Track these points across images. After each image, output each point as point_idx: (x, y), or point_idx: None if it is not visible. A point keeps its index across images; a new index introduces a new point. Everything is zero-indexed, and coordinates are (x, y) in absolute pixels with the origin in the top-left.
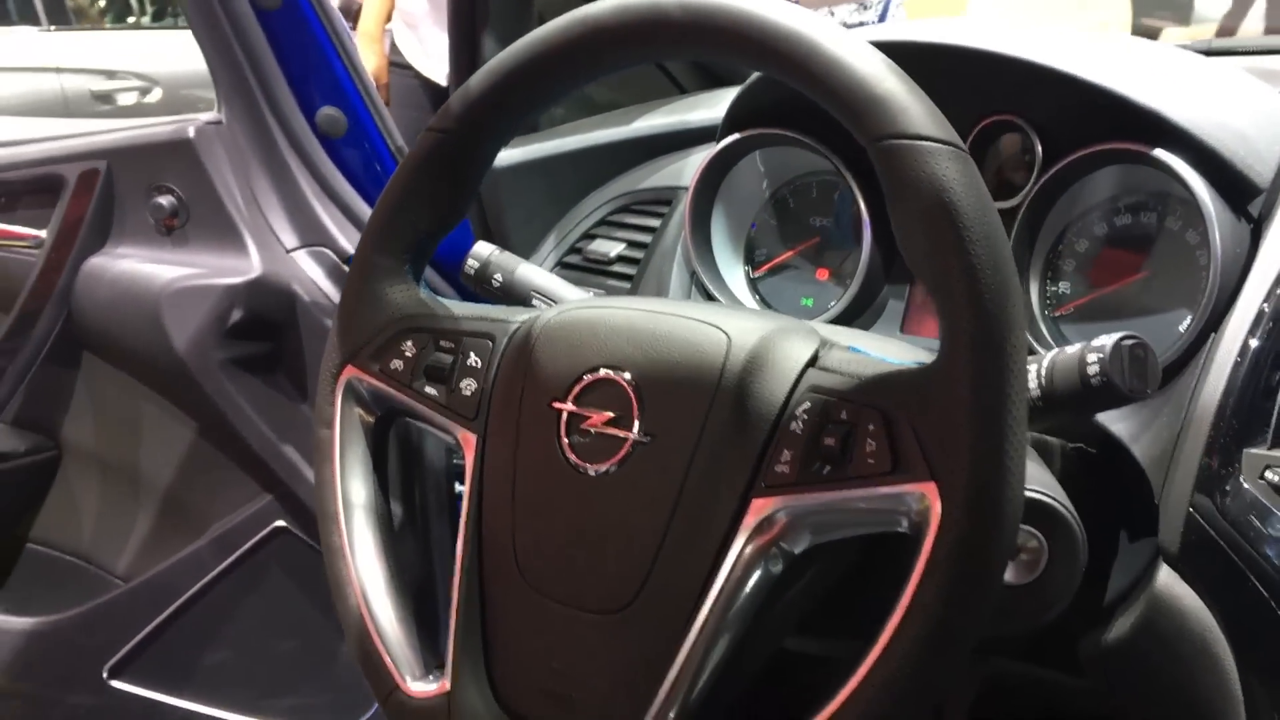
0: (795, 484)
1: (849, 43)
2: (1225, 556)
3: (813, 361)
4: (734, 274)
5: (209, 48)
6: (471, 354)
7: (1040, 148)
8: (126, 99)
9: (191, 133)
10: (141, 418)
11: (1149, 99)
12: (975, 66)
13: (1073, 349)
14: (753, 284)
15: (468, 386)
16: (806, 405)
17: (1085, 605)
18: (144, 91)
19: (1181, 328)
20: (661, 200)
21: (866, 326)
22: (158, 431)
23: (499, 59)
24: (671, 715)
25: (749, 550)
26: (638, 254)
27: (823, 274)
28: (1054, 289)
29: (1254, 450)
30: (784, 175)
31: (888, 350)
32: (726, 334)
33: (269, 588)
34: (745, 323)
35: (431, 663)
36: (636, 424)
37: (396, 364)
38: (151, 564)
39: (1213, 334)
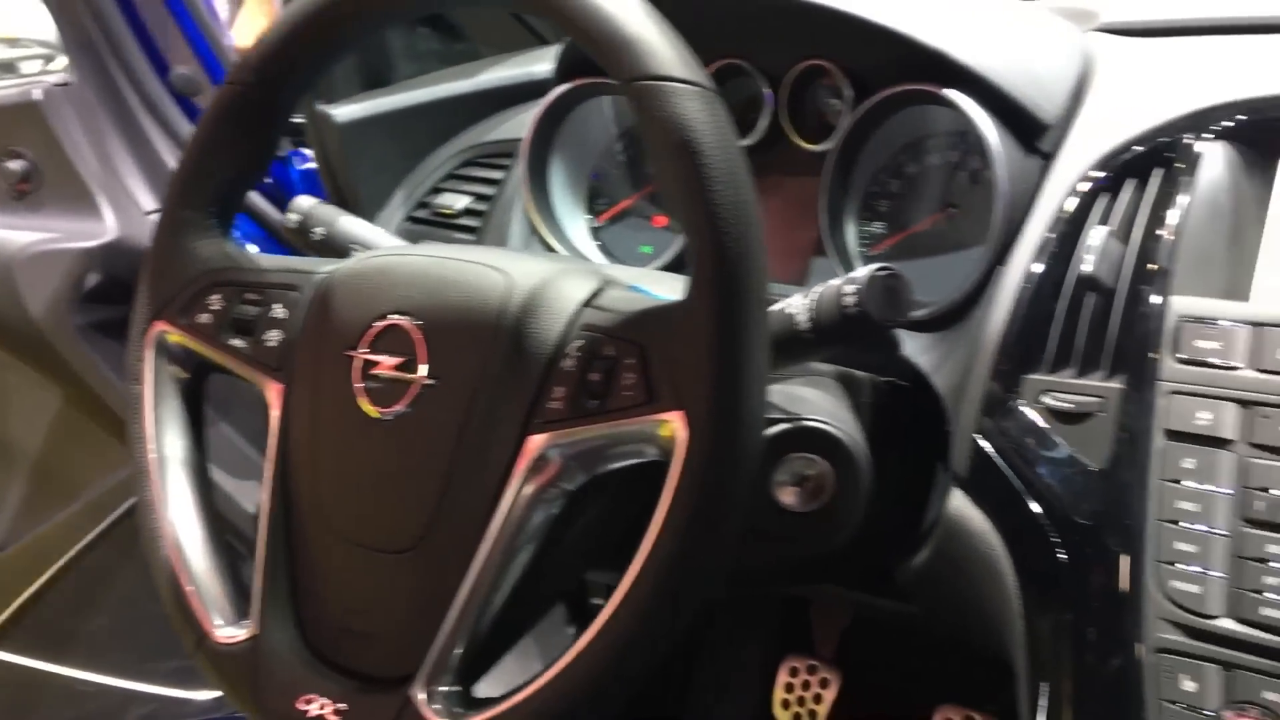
0: (566, 419)
1: None
2: (1005, 478)
3: (589, 301)
4: (575, 223)
5: (54, 5)
6: (277, 305)
7: (851, 91)
8: (30, 66)
9: (39, 94)
10: (6, 386)
11: (937, 41)
12: (788, 11)
13: (836, 281)
14: (594, 233)
15: (274, 338)
16: (579, 343)
17: (895, 532)
18: (48, 59)
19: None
20: (505, 153)
21: None
22: (23, 399)
23: (291, 8)
24: (458, 649)
25: (528, 488)
26: (484, 207)
27: (660, 221)
28: (869, 228)
29: (1033, 376)
30: (624, 123)
31: (676, 289)
32: (508, 276)
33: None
34: (527, 265)
35: (244, 611)
36: (423, 367)
37: (203, 318)
38: (25, 532)
39: (1000, 266)
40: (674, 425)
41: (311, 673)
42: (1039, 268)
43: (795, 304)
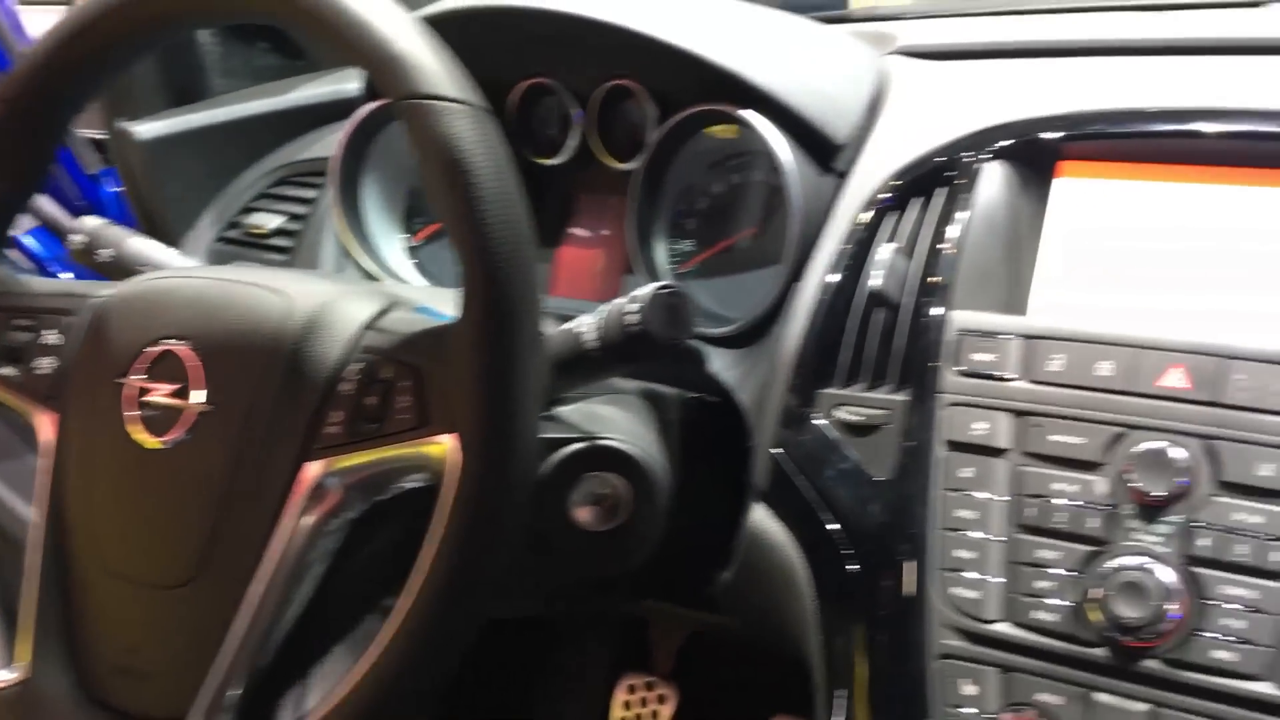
0: (343, 444)
1: (371, 1)
2: (800, 491)
3: (371, 322)
4: (390, 243)
5: None
6: (50, 331)
7: (656, 110)
8: None
9: None
10: None
11: (732, 62)
12: (589, 32)
13: (621, 300)
14: (412, 251)
15: (46, 365)
16: (358, 366)
17: (704, 547)
18: None
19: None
20: (318, 171)
21: None
22: None
23: (59, 23)
24: (234, 689)
25: (307, 518)
26: (297, 227)
27: None
28: (678, 246)
29: (828, 389)
30: None
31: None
32: (287, 298)
33: None
34: (309, 287)
35: (13, 653)
36: (199, 394)
37: None
38: None
39: (797, 282)
40: (447, 449)
41: (85, 716)
42: (831, 284)
43: (584, 323)
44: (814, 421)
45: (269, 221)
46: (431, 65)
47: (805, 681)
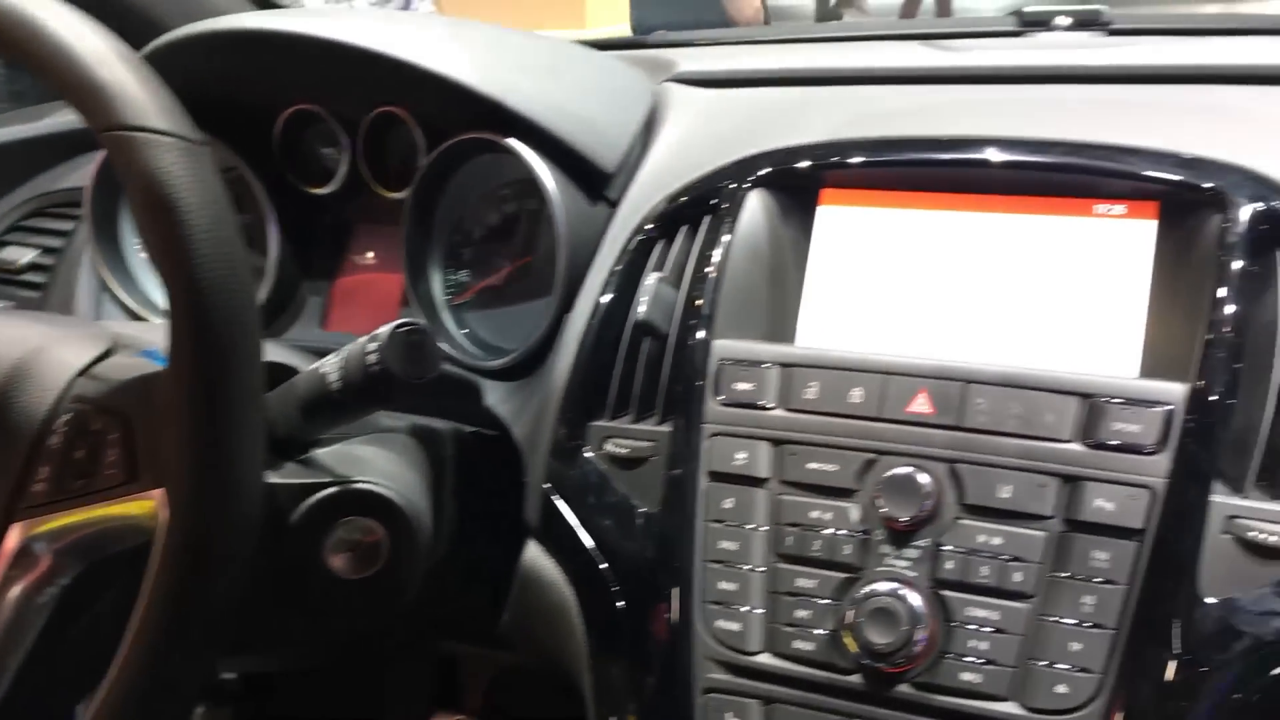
0: (50, 504)
1: (75, 27)
2: (571, 527)
3: (86, 369)
4: (151, 276)
5: None
6: None
7: (424, 139)
8: None
9: None
10: None
11: (494, 90)
12: (347, 58)
13: (363, 339)
14: None
15: None
16: (67, 417)
17: (485, 585)
18: None
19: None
20: (74, 202)
21: (287, 326)
22: None
23: None
24: None
25: (14, 589)
26: (51, 261)
27: None
28: (455, 277)
29: (598, 422)
30: None
31: None
32: None
33: None
34: (18, 332)
35: None
36: None
37: None
38: None
39: (568, 314)
40: (156, 505)
41: None
42: (599, 314)
43: (328, 363)
44: (584, 454)
45: (21, 256)
46: (136, 95)
47: None
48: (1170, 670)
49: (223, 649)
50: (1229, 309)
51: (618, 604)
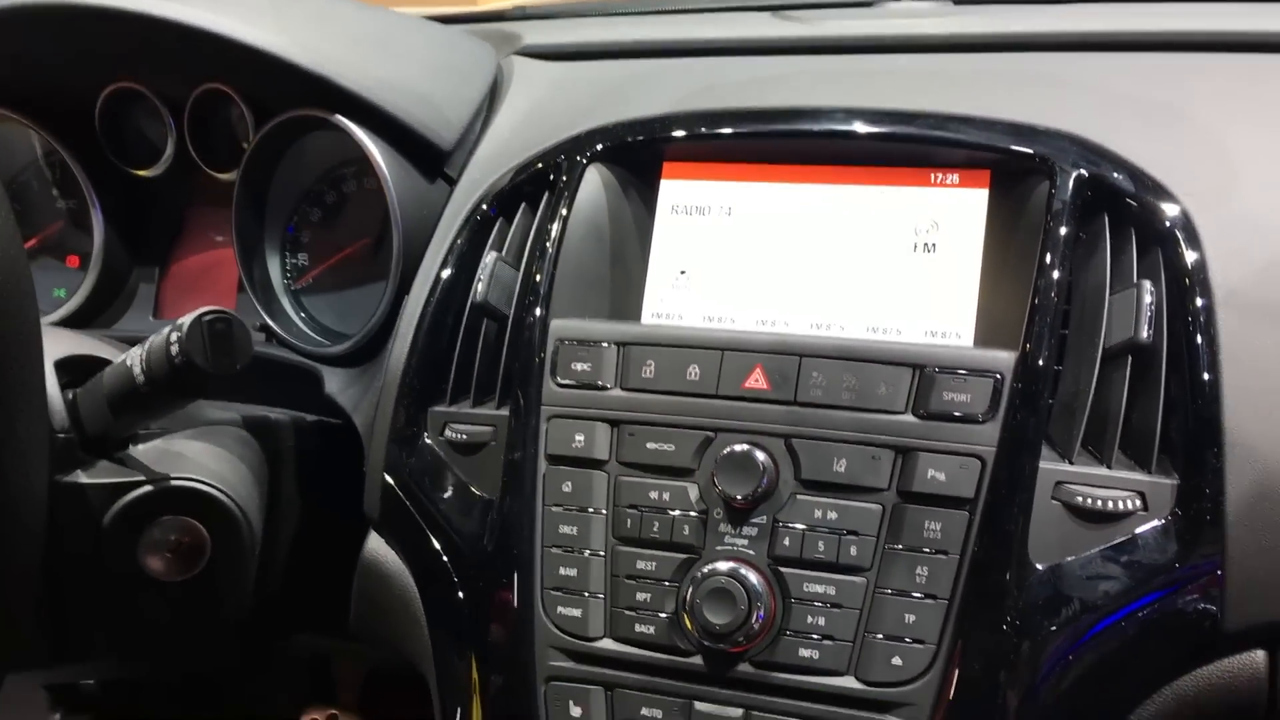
0: None
1: None
2: (411, 516)
3: None
4: None
5: None
6: None
7: (252, 117)
8: None
9: None
10: None
11: (320, 65)
12: (161, 33)
13: (166, 329)
14: None
15: None
16: None
17: (329, 577)
18: None
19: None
20: None
21: (117, 316)
22: None
23: None
24: None
25: None
26: None
27: (73, 261)
28: (293, 260)
29: (436, 408)
30: (20, 158)
31: None
32: None
33: None
34: None
35: None
36: None
37: None
38: None
39: (406, 296)
40: None
41: None
42: (436, 296)
43: (133, 355)
44: (424, 441)
45: None
46: None
47: None
48: (1002, 639)
49: (33, 659)
50: (1055, 275)
51: (459, 595)
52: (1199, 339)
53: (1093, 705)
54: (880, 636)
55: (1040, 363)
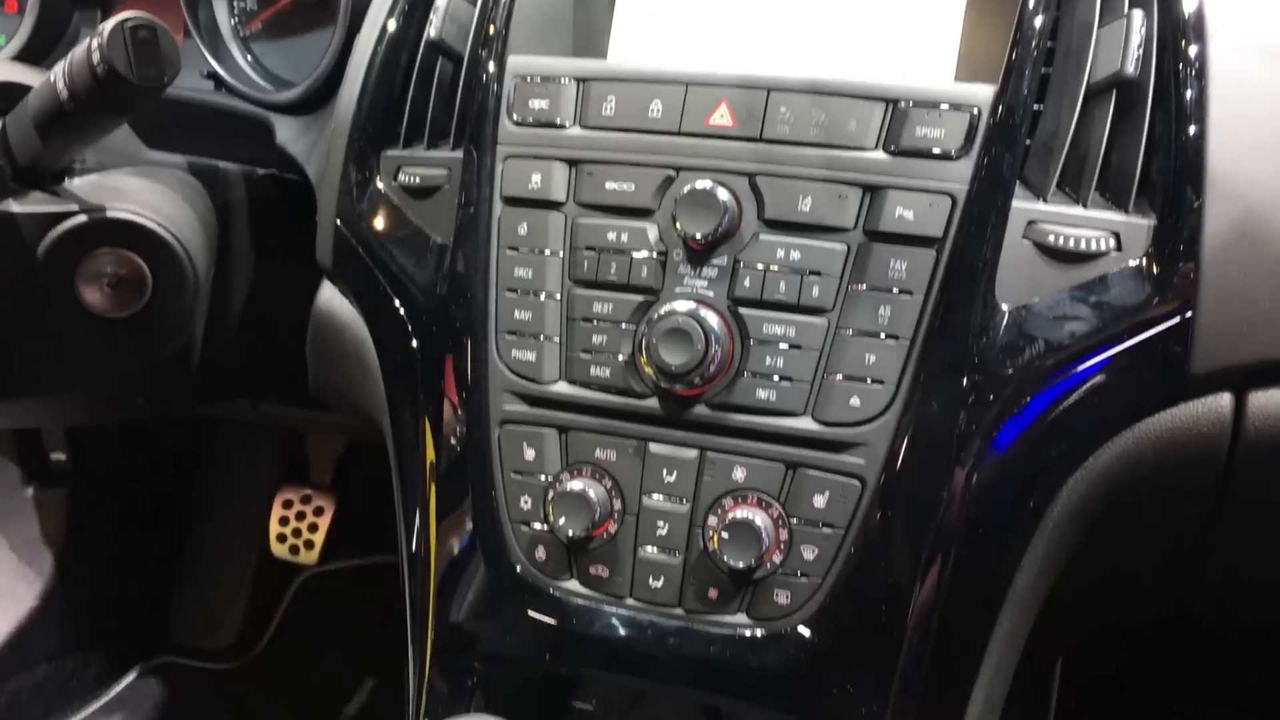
0: None
1: None
2: (364, 263)
3: None
4: None
5: None
6: None
7: None
8: None
9: None
10: None
11: None
12: None
13: (88, 39)
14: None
15: None
16: None
17: (281, 333)
18: None
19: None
20: None
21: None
22: None
23: None
24: None
25: None
26: None
27: (11, 6)
28: (241, 5)
29: (390, 152)
30: None
31: None
32: None
33: None
34: None
35: None
36: None
37: None
38: None
39: (357, 37)
40: None
41: None
42: (387, 36)
43: (56, 71)
44: (376, 186)
45: None
46: None
47: None
48: (963, 379)
49: None
50: (1042, 8)
51: (412, 342)
52: (1188, 73)
53: (1052, 448)
54: (839, 377)
55: (1020, 95)
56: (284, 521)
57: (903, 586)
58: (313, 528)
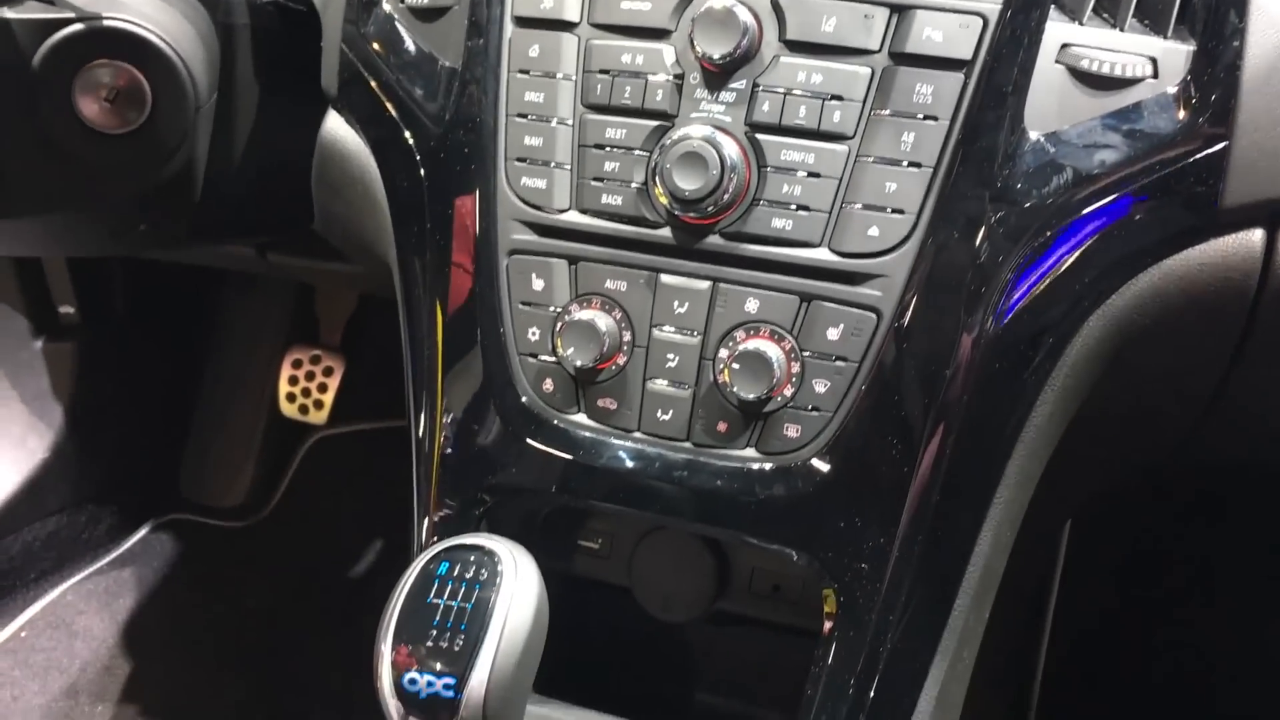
0: None
1: None
2: (369, 88)
3: None
4: None
5: None
6: None
7: None
8: None
9: None
10: None
11: None
12: None
13: None
14: None
15: None
16: None
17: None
18: None
19: None
20: None
21: None
22: None
23: None
24: None
25: None
26: None
27: None
28: None
29: None
30: None
31: None
32: None
33: None
34: None
35: None
36: None
37: None
38: None
39: None
40: None
41: None
42: None
43: None
44: (382, 7)
45: None
46: None
47: None
48: (987, 208)
49: None
50: None
51: (419, 171)
52: None
53: (1075, 283)
54: (859, 206)
55: None
56: (293, 381)
57: (915, 422)
58: (322, 388)
